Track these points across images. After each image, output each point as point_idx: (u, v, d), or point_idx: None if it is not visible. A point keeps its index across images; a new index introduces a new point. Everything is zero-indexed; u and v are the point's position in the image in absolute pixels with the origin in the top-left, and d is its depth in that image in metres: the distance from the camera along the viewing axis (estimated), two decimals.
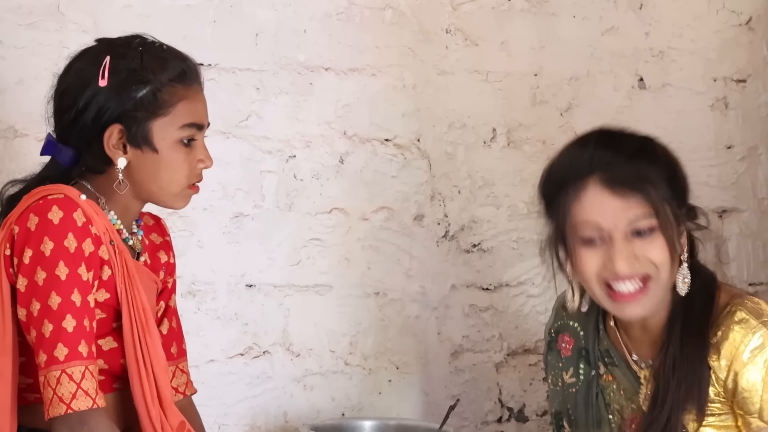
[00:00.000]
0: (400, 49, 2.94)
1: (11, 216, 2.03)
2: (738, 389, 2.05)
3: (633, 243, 2.05)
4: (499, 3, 3.03)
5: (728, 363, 2.06)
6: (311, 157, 2.85)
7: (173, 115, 2.09)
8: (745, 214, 3.27)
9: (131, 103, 2.06)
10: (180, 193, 2.13)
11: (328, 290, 2.88)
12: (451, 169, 2.99)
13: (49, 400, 1.94)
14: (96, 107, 2.06)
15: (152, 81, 2.07)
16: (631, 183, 2.04)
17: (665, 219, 2.05)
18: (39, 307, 1.95)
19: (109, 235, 2.04)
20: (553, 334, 2.30)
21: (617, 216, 2.04)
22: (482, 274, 3.02)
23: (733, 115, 3.25)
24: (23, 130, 2.61)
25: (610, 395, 2.22)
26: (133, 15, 2.68)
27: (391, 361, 2.92)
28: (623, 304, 2.07)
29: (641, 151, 2.10)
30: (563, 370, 2.28)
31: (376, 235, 2.92)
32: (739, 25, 3.26)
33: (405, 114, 2.95)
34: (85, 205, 2.01)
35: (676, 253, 2.07)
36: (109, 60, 2.06)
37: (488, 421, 3.02)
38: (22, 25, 2.61)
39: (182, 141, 2.10)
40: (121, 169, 2.08)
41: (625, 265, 2.04)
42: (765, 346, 2.04)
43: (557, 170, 2.12)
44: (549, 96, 3.07)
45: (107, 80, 2.05)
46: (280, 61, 2.82)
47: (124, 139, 2.07)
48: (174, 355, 2.29)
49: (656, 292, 2.07)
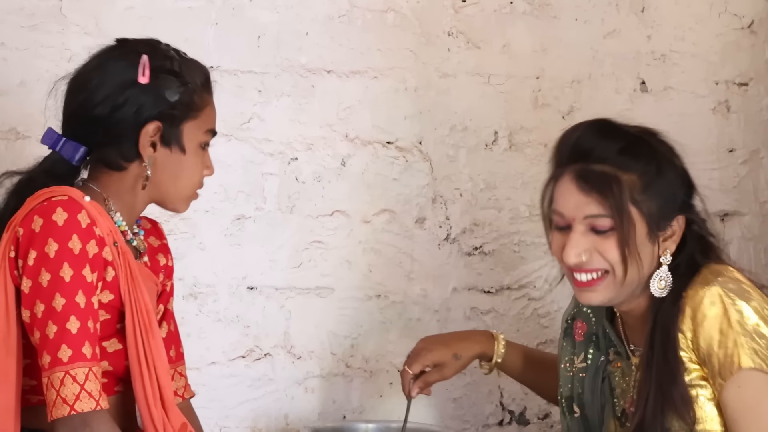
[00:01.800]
0: (401, 52, 2.94)
1: (16, 218, 2.03)
2: (700, 349, 2.09)
3: (591, 237, 2.13)
4: (501, 6, 3.03)
5: (691, 321, 2.11)
6: (313, 160, 2.85)
7: (201, 119, 2.14)
8: (747, 218, 3.26)
9: (171, 103, 2.10)
10: (189, 196, 2.18)
11: (330, 293, 2.88)
12: (452, 171, 2.99)
13: (53, 401, 1.94)
14: (136, 103, 2.08)
15: (189, 83, 2.12)
16: (595, 181, 2.11)
17: (623, 223, 2.10)
18: (43, 308, 1.95)
19: (113, 237, 2.05)
20: (569, 321, 2.39)
21: (577, 209, 2.13)
22: (484, 277, 3.02)
23: (735, 118, 3.25)
24: (25, 132, 2.61)
25: (616, 380, 2.27)
26: (135, 17, 2.68)
27: (392, 363, 2.92)
28: (581, 290, 2.18)
29: (625, 149, 2.14)
30: (575, 355, 2.35)
31: (378, 238, 2.92)
32: (741, 28, 3.26)
33: (407, 116, 2.95)
34: (89, 206, 2.02)
35: (632, 255, 2.12)
36: (146, 58, 2.09)
37: (489, 424, 3.02)
38: (24, 27, 2.61)
39: (202, 145, 2.15)
40: (149, 165, 2.10)
41: (572, 256, 2.14)
42: (716, 303, 2.09)
43: (553, 151, 2.21)
44: (551, 99, 3.07)
45: (148, 78, 2.08)
46: (282, 63, 2.82)
47: (156, 137, 2.09)
48: (173, 359, 2.29)
49: (613, 287, 2.14)
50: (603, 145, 2.14)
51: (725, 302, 2.08)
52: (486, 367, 2.52)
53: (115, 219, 2.11)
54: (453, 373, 2.47)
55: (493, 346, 2.49)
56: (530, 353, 2.55)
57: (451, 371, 2.47)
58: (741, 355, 2.06)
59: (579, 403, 2.32)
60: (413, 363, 2.45)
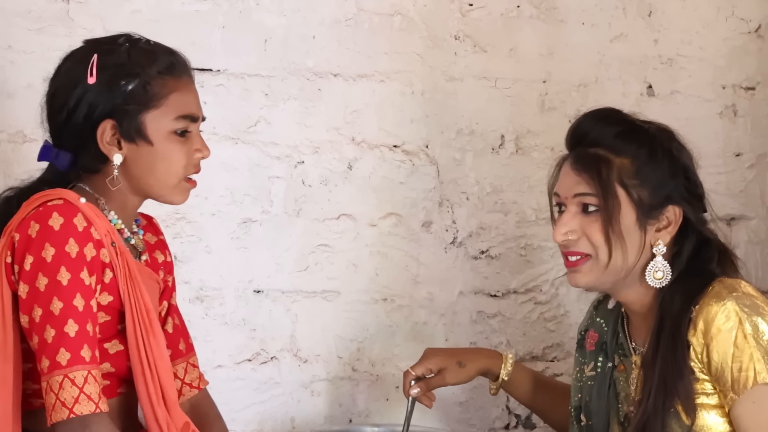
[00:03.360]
0: (408, 56, 2.94)
1: (11, 223, 2.03)
2: (712, 363, 2.08)
3: (579, 218, 2.19)
4: (508, 9, 3.03)
5: (703, 335, 2.11)
6: (319, 163, 2.85)
7: (165, 107, 2.09)
8: (754, 222, 3.26)
9: (121, 97, 2.07)
10: (177, 185, 2.13)
11: (336, 296, 2.88)
12: (459, 175, 2.99)
13: (52, 405, 1.93)
14: (86, 105, 2.07)
15: (141, 74, 2.08)
16: (586, 162, 2.19)
17: (608, 202, 2.16)
18: (41, 312, 1.95)
19: (110, 237, 2.04)
20: (582, 333, 2.41)
21: (570, 188, 2.21)
22: (490, 280, 3.02)
23: (742, 122, 3.25)
24: (32, 134, 2.61)
25: (620, 384, 2.27)
26: (142, 20, 2.68)
27: (398, 367, 2.92)
28: (570, 271, 2.23)
29: (620, 134, 2.21)
30: (585, 364, 2.36)
31: (384, 241, 2.92)
32: (749, 32, 3.25)
33: (413, 120, 2.95)
34: (85, 208, 2.02)
35: (617, 238, 2.15)
36: (96, 57, 2.07)
37: (495, 428, 3.02)
38: (32, 30, 2.61)
39: (176, 132, 2.10)
40: (117, 165, 2.08)
41: (559, 234, 2.20)
42: (731, 318, 2.09)
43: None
44: (558, 103, 3.07)
45: (96, 77, 2.06)
46: (289, 66, 2.82)
47: (117, 135, 2.08)
48: (183, 352, 2.30)
49: (595, 269, 2.19)
50: (599, 129, 2.22)
51: (741, 317, 2.08)
52: (493, 386, 2.53)
53: (110, 218, 2.10)
54: (454, 379, 2.49)
55: (499, 364, 2.50)
56: (539, 378, 2.56)
57: (453, 377, 2.49)
58: (757, 370, 2.05)
59: (586, 411, 2.33)
60: (417, 365, 2.49)
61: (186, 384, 2.32)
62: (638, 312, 2.23)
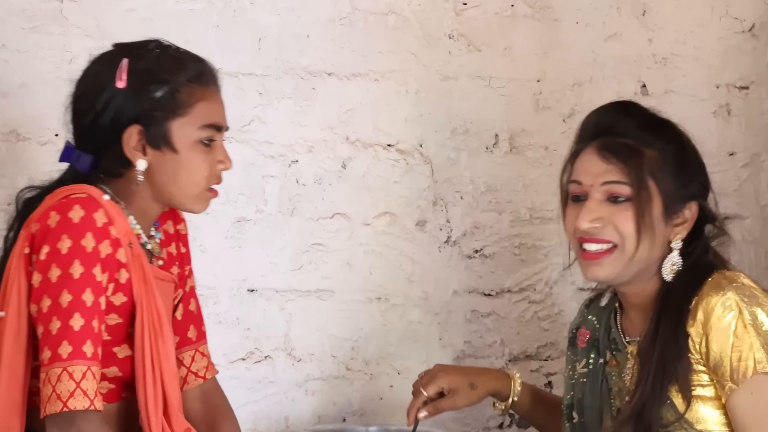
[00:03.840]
0: (403, 55, 2.94)
1: (33, 215, 2.02)
2: (711, 353, 2.08)
3: (606, 207, 2.15)
4: (502, 9, 3.03)
5: (702, 326, 2.10)
6: (314, 162, 2.85)
7: (192, 115, 2.09)
8: (748, 221, 3.26)
9: (149, 104, 2.06)
10: (199, 194, 2.13)
11: (330, 295, 2.88)
12: (453, 174, 2.99)
13: (48, 397, 1.92)
14: (114, 109, 2.06)
15: (170, 81, 2.07)
16: (618, 150, 2.15)
17: (641, 193, 2.13)
18: (49, 303, 1.94)
19: (128, 238, 2.04)
20: (574, 331, 2.39)
21: (597, 176, 2.16)
22: (484, 279, 3.02)
23: (736, 122, 3.25)
24: (26, 134, 2.61)
25: (613, 379, 2.27)
26: (136, 19, 2.68)
27: (392, 366, 2.92)
28: (588, 263, 2.17)
29: (646, 127, 2.21)
30: (577, 362, 2.35)
31: (379, 241, 2.92)
32: (743, 32, 3.26)
33: (408, 119, 2.95)
34: (108, 205, 2.01)
35: (646, 229, 2.13)
36: (126, 62, 2.06)
37: (490, 427, 3.02)
38: (26, 28, 2.61)
39: (202, 141, 2.10)
40: (141, 171, 2.07)
41: (586, 223, 2.15)
42: (732, 308, 2.09)
43: (577, 132, 2.26)
44: (552, 102, 3.07)
45: (125, 81, 2.05)
46: (283, 65, 2.82)
47: (143, 141, 2.07)
48: (192, 339, 2.30)
49: (620, 261, 2.15)
50: (625, 120, 2.20)
51: (741, 306, 2.08)
52: (500, 407, 2.48)
53: (130, 222, 2.10)
54: (465, 402, 2.43)
55: (509, 385, 2.46)
56: (537, 392, 2.54)
57: (464, 400, 2.42)
58: (757, 359, 2.06)
59: (579, 409, 2.32)
60: (429, 384, 2.40)
61: (192, 372, 2.31)
62: (638, 304, 2.22)
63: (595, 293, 2.40)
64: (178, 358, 2.29)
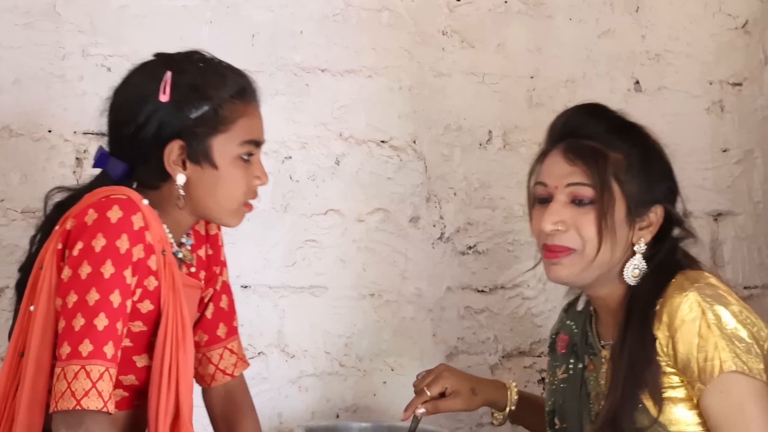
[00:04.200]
0: (396, 51, 2.94)
1: (70, 212, 2.01)
2: (678, 355, 2.08)
3: (570, 209, 2.15)
4: (495, 5, 3.03)
5: (668, 328, 2.10)
6: (307, 159, 2.85)
7: (233, 131, 2.08)
8: (741, 218, 3.26)
9: (192, 120, 2.05)
10: (236, 209, 2.13)
11: (324, 291, 2.88)
12: (447, 171, 2.99)
13: (61, 392, 1.90)
14: (156, 122, 2.04)
15: (213, 97, 2.07)
16: (582, 153, 2.16)
17: (604, 194, 2.14)
18: (76, 299, 1.93)
19: (162, 245, 2.03)
20: (553, 337, 2.40)
21: (561, 178, 2.17)
22: (478, 276, 3.02)
23: (729, 118, 3.25)
24: (19, 130, 2.61)
25: (591, 383, 2.26)
26: (129, 15, 2.68)
27: (386, 362, 2.92)
28: (549, 262, 2.18)
29: (613, 129, 2.20)
30: (558, 368, 2.35)
31: (372, 237, 2.92)
32: (736, 28, 3.26)
33: (401, 116, 2.95)
34: (146, 210, 2.00)
35: (608, 232, 2.13)
36: (170, 75, 2.05)
37: (483, 423, 3.02)
38: (19, 25, 2.61)
39: (241, 157, 2.09)
40: (181, 186, 2.07)
41: (549, 225, 2.15)
42: (695, 310, 2.09)
43: (545, 135, 2.27)
44: (545, 98, 3.07)
45: (168, 95, 2.04)
46: (277, 62, 2.82)
47: (183, 155, 2.06)
48: (221, 337, 2.30)
49: (578, 263, 2.15)
50: (592, 123, 2.20)
51: (703, 307, 2.08)
52: (499, 417, 2.48)
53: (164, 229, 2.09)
54: (463, 406, 2.43)
55: (506, 395, 2.47)
56: (525, 396, 2.52)
57: (463, 404, 2.42)
58: (722, 359, 2.06)
59: (560, 414, 2.31)
60: (434, 385, 2.40)
61: (220, 370, 2.32)
62: (608, 308, 2.22)
63: (574, 297, 2.39)
64: (206, 356, 2.31)
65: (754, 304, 3.26)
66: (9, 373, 2.02)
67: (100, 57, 2.67)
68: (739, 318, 2.09)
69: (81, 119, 2.65)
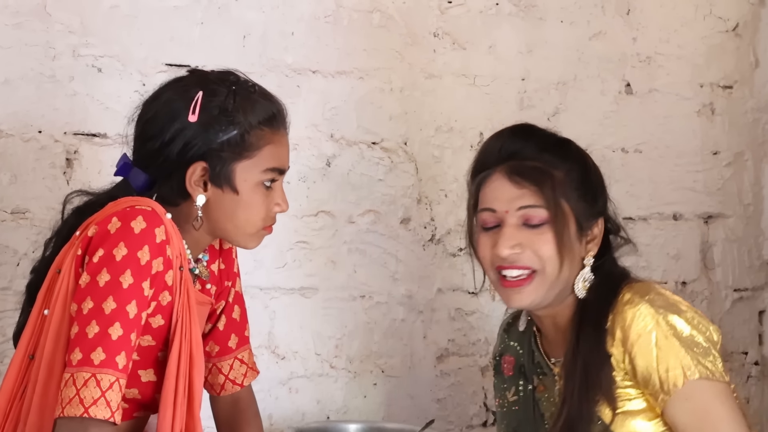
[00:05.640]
0: (387, 53, 2.94)
1: (93, 219, 2.01)
2: (637, 369, 2.07)
3: (523, 232, 2.12)
4: (486, 7, 3.03)
5: (622, 344, 2.09)
6: (298, 160, 2.85)
7: (258, 158, 2.07)
8: (731, 220, 3.27)
9: (218, 143, 2.04)
10: (255, 234, 2.13)
11: (314, 293, 2.87)
12: (438, 172, 2.99)
13: (69, 398, 1.89)
14: (182, 142, 2.04)
15: (242, 123, 2.06)
16: (528, 174, 2.12)
17: (557, 215, 2.12)
18: (91, 306, 1.91)
19: (180, 260, 2.02)
20: (497, 358, 2.36)
21: (511, 202, 2.13)
22: (468, 277, 3.01)
23: (720, 121, 3.26)
24: (9, 130, 2.61)
25: (543, 404, 2.25)
26: (120, 15, 2.67)
27: (376, 364, 2.92)
28: (510, 290, 2.14)
29: (550, 149, 2.17)
30: (507, 390, 2.32)
31: (363, 238, 2.92)
32: (726, 31, 3.27)
33: (392, 117, 2.95)
34: (169, 224, 1.99)
35: (566, 251, 2.12)
36: (201, 95, 2.04)
37: (473, 425, 3.02)
38: (9, 25, 2.60)
39: (263, 183, 2.09)
40: (200, 206, 2.06)
41: (507, 249, 2.11)
42: (649, 323, 2.07)
43: (474, 162, 2.21)
44: (536, 100, 3.07)
45: (197, 116, 2.03)
46: (268, 63, 2.82)
47: (206, 177, 2.05)
48: (232, 348, 2.30)
49: (542, 285, 2.12)
50: (530, 143, 2.16)
51: (657, 318, 2.06)
52: None
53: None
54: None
55: None
56: None
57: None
58: (684, 367, 2.05)
59: None
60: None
61: (229, 380, 2.32)
62: (556, 325, 2.20)
63: (512, 316, 2.36)
64: (217, 366, 2.31)
65: (744, 307, 3.28)
66: (17, 375, 2.00)
67: (90, 57, 2.67)
68: (693, 324, 2.08)
69: (71, 120, 2.64)
